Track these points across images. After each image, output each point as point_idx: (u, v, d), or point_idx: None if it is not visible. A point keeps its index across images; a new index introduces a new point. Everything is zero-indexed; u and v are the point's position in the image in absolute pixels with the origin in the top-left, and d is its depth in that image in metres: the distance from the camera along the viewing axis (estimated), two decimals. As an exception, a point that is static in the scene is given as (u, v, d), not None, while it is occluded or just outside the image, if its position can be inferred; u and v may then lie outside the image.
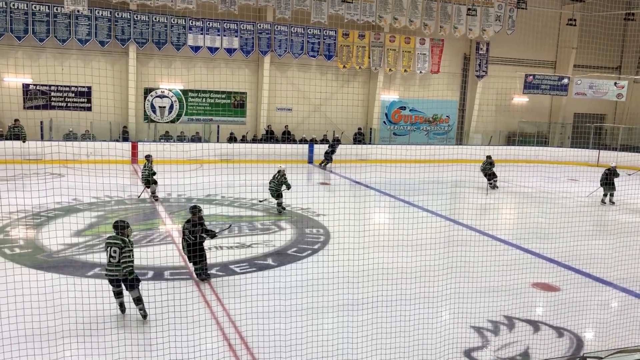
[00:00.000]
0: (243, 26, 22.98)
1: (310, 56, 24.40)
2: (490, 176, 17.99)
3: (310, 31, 24.10)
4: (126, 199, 14.64)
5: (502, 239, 11.83)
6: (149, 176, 14.16)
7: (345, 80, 25.98)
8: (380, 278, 8.13)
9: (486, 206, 16.08)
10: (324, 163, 22.38)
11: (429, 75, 27.06)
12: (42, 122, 20.64)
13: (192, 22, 22.28)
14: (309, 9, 23.10)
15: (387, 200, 16.50)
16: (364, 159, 23.88)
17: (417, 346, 6.42)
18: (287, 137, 24.41)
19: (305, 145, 23.80)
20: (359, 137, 25.58)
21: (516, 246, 11.36)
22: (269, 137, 23.68)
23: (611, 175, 16.19)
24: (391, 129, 27.08)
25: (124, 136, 22.02)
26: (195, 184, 15.42)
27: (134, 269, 6.95)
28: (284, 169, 13.76)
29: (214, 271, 8.94)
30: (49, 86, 21.13)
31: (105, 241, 7.09)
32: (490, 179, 18.02)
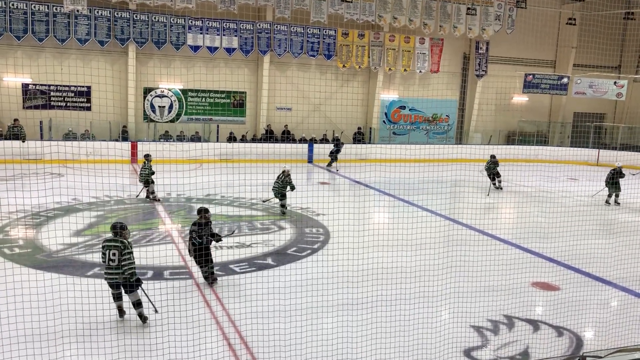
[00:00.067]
0: (242, 26, 22.97)
1: (309, 56, 24.39)
2: (494, 176, 17.84)
3: (310, 31, 24.09)
4: (126, 198, 14.64)
5: (502, 238, 11.83)
6: (148, 175, 14.17)
7: (344, 79, 25.98)
8: (379, 277, 8.13)
9: (486, 205, 16.07)
10: (329, 163, 22.36)
11: (429, 75, 27.06)
12: (41, 121, 20.63)
13: (191, 22, 22.28)
14: (308, 8, 23.09)
15: (387, 199, 16.50)
16: (363, 158, 23.88)
17: (417, 346, 6.42)
18: (286, 136, 24.40)
19: (304, 145, 23.80)
20: (359, 137, 25.58)
21: (516, 245, 11.36)
22: (269, 136, 23.67)
23: (617, 175, 16.02)
24: (391, 128, 27.07)
25: (124, 136, 22.02)
26: (195, 183, 15.41)
27: (135, 271, 6.90)
28: (289, 170, 13.39)
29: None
30: (49, 86, 21.11)
31: (103, 244, 6.96)
32: (494, 179, 17.87)
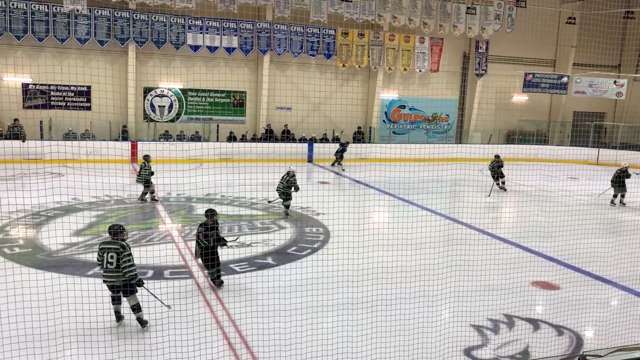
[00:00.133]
0: (242, 25, 22.97)
1: (309, 55, 24.39)
2: (498, 176, 17.58)
3: (310, 30, 24.08)
4: (126, 198, 14.64)
5: (502, 237, 11.83)
6: (148, 176, 14.16)
7: (344, 79, 25.97)
8: (379, 277, 8.13)
9: (486, 204, 16.07)
10: (335, 162, 22.33)
11: (429, 74, 27.06)
12: (41, 121, 20.63)
13: (191, 21, 22.28)
14: (308, 7, 23.08)
15: (387, 199, 16.50)
16: (363, 157, 23.88)
17: (417, 345, 6.43)
18: (286, 136, 24.40)
19: (304, 145, 23.80)
20: (359, 136, 25.58)
21: (516, 244, 11.36)
22: (269, 136, 23.68)
23: (623, 175, 15.82)
24: (391, 127, 27.07)
25: (124, 135, 22.02)
26: (195, 183, 15.41)
27: (137, 273, 6.82)
28: (294, 171, 13.21)
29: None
30: (49, 85, 21.11)
31: (100, 246, 6.86)
32: (498, 180, 17.62)
